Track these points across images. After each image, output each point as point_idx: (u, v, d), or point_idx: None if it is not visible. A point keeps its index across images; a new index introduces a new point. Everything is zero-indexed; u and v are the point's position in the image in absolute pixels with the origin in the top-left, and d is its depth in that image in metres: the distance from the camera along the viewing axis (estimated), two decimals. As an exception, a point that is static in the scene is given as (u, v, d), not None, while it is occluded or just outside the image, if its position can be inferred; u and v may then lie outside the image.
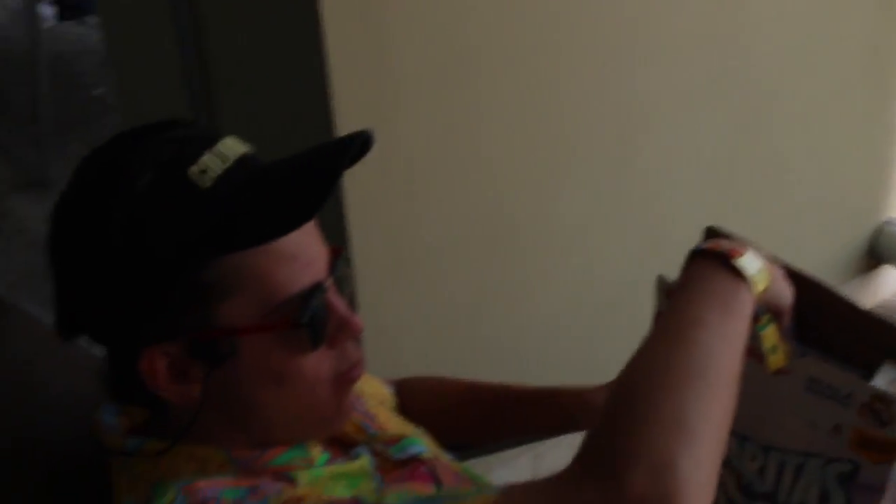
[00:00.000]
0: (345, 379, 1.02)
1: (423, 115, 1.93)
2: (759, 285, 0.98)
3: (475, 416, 1.40)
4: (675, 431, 0.82)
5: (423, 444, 1.17)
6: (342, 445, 1.13)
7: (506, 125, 2.06)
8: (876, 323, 1.06)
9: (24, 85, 3.91)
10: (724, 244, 0.99)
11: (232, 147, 0.97)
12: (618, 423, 0.85)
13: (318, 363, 0.99)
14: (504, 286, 2.19)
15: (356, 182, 1.84)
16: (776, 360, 1.07)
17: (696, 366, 0.87)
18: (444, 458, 1.21)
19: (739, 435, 1.12)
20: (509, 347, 2.25)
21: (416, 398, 1.41)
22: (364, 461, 1.09)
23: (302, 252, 0.97)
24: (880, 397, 1.00)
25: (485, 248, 2.13)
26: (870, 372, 1.06)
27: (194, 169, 0.94)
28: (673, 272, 1.06)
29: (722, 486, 1.14)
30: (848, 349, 1.08)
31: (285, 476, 1.00)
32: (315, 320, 0.97)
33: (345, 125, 1.78)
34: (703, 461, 0.82)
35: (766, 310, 1.04)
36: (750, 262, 0.98)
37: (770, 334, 1.06)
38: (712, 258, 0.98)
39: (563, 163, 2.19)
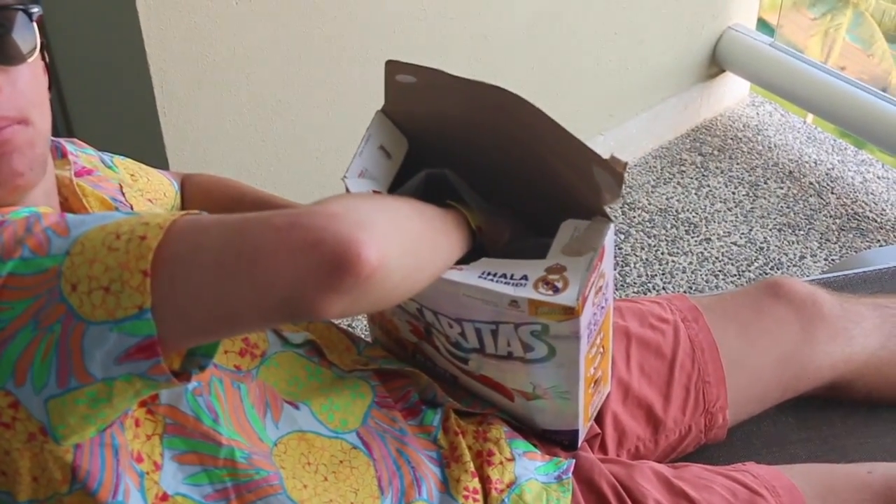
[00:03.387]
0: None
1: None
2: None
3: None
4: (384, 207, 0.92)
5: None
6: None
7: None
8: (569, 141, 1.05)
9: None
10: None
11: None
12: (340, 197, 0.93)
13: None
14: (313, 85, 2.14)
15: None
16: None
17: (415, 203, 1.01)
18: None
19: (431, 309, 1.14)
20: (319, 147, 2.22)
21: (192, 194, 1.41)
22: None
23: None
24: (552, 269, 1.05)
25: (293, 43, 2.06)
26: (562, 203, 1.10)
27: None
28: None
29: (436, 346, 1.19)
30: (545, 169, 1.11)
31: None
32: None
33: None
34: (398, 237, 0.88)
35: None
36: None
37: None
38: None
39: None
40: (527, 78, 2.49)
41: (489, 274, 1.06)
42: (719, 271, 2.53)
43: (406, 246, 0.90)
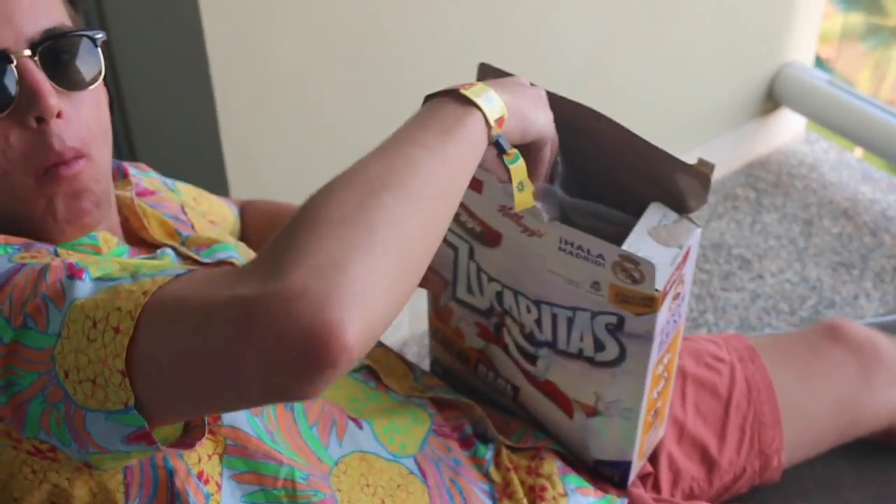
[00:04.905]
0: (53, 175, 0.98)
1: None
2: (493, 114, 0.95)
3: None
4: (355, 233, 0.76)
5: (236, 250, 1.15)
6: (149, 247, 1.13)
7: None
8: (651, 151, 1.05)
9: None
10: (462, 85, 0.96)
11: None
12: (300, 219, 0.79)
13: (0, 141, 0.96)
14: (377, 111, 2.14)
15: (213, 6, 1.79)
16: (523, 198, 1.04)
17: (398, 175, 0.83)
18: None
19: (512, 289, 1.13)
20: None
21: (253, 220, 1.42)
22: (167, 259, 1.08)
23: None
24: (628, 258, 1.01)
25: (354, 68, 2.07)
26: (642, 210, 1.07)
27: None
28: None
29: (509, 333, 1.19)
30: (623, 181, 1.09)
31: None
32: None
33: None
34: (381, 270, 0.75)
35: (512, 145, 1.02)
36: (482, 92, 0.95)
37: (518, 170, 1.02)
38: (443, 95, 0.96)
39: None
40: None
41: (566, 243, 1.05)
42: (772, 308, 2.52)
43: (399, 268, 0.78)
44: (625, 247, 1.03)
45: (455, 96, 0.95)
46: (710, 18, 2.70)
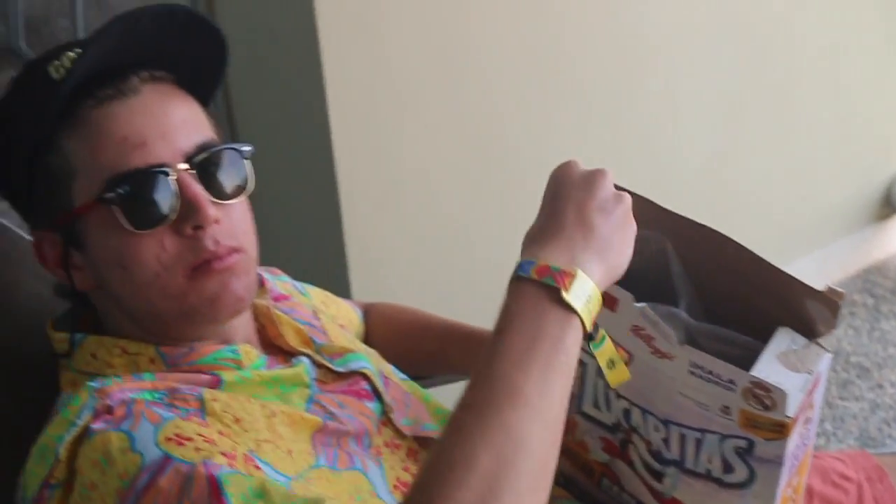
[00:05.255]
0: (204, 270, 1.03)
1: (411, 30, 1.91)
2: (590, 316, 0.90)
3: (422, 351, 1.42)
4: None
5: (368, 360, 1.19)
6: (285, 354, 1.16)
7: (503, 42, 2.03)
8: (779, 276, 1.06)
9: None
10: (553, 262, 0.91)
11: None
12: None
13: (156, 248, 1.02)
14: (498, 210, 2.16)
15: (341, 102, 1.84)
16: (616, 374, 1.02)
17: (507, 466, 0.80)
18: (396, 378, 1.24)
19: (641, 408, 1.13)
20: (503, 274, 2.20)
21: (376, 324, 1.44)
22: (302, 368, 1.12)
23: (133, 133, 1.01)
24: (759, 384, 1.01)
25: (477, 170, 2.11)
26: (769, 333, 1.06)
27: (54, 64, 1.03)
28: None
29: (636, 449, 1.17)
30: (749, 304, 1.09)
31: (212, 375, 1.05)
32: (130, 200, 1.00)
33: (330, 44, 1.80)
34: None
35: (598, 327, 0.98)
36: (581, 290, 0.89)
37: (606, 350, 1.00)
38: (538, 288, 0.90)
39: (562, 85, 2.17)
40: (697, 215, 2.49)
41: (697, 367, 1.05)
42: (893, 420, 2.45)
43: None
44: (755, 372, 1.02)
45: (553, 296, 0.89)
46: (827, 124, 2.70)
